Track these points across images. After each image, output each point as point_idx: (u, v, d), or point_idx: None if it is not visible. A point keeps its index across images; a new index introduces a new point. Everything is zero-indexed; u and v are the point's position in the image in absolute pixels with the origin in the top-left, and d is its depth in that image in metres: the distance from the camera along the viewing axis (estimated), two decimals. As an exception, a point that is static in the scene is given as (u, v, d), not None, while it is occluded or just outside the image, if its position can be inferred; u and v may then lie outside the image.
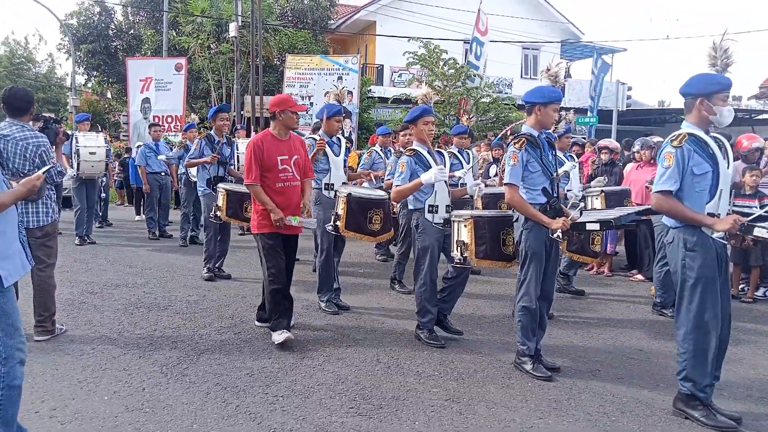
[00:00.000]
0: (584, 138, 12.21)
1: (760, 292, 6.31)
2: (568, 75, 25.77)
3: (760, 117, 20.87)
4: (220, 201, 6.15)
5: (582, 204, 5.11)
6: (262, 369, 3.88)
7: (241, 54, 17.60)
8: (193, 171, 8.81)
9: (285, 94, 5.42)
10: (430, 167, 4.35)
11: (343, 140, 5.55)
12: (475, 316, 5.33)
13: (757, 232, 3.26)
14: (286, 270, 4.44)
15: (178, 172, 9.50)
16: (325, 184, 5.36)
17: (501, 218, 4.21)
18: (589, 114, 17.92)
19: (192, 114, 13.92)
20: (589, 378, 3.92)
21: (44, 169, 2.81)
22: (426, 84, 5.67)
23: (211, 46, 19.01)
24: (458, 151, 7.02)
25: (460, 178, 5.79)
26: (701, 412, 3.23)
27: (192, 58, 18.54)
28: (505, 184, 3.84)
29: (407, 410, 3.34)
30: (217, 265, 6.62)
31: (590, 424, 3.23)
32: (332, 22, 23.14)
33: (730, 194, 6.17)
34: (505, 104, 15.42)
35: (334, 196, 5.14)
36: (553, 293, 4.08)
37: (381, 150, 7.53)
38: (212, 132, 6.67)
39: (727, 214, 3.29)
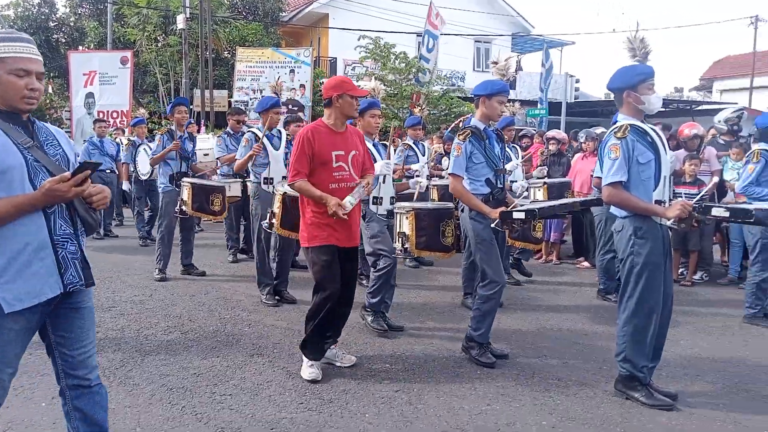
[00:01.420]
0: (535, 130, 12.44)
1: (698, 276, 6.58)
2: (519, 68, 26.22)
3: (700, 108, 21.68)
4: (185, 195, 5.96)
5: (525, 193, 5.23)
6: (210, 368, 3.81)
7: (190, 47, 17.18)
8: (143, 169, 8.61)
9: (342, 75, 4.65)
10: (375, 160, 4.38)
11: (284, 133, 5.50)
12: (426, 307, 5.37)
13: (715, 212, 3.40)
14: (346, 289, 3.76)
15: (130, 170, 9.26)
16: (264, 178, 5.30)
17: (441, 210, 4.28)
18: (539, 106, 18.28)
19: (140, 108, 13.53)
20: (536, 364, 4.01)
21: (81, 168, 2.01)
22: (374, 78, 5.68)
23: (159, 38, 18.48)
24: (414, 143, 7.08)
25: (418, 175, 5.81)
26: (640, 392, 3.35)
27: (138, 51, 17.99)
28: (449, 174, 3.90)
29: (357, 403, 3.34)
30: (185, 264, 6.53)
31: (536, 408, 3.31)
32: (284, 14, 22.82)
33: (671, 182, 6.44)
34: (458, 97, 15.56)
35: (273, 192, 5.09)
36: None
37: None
38: (173, 127, 6.42)
39: (670, 200, 3.41)
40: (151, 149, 7.21)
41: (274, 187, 5.12)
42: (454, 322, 4.90)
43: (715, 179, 5.61)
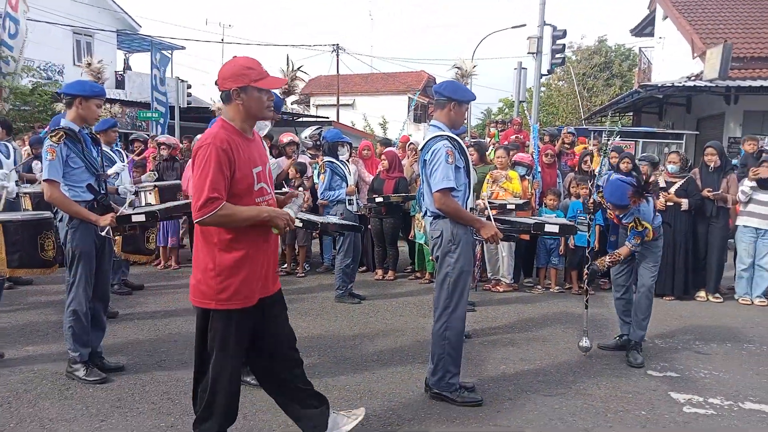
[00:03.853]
0: (147, 134, 12.07)
1: (306, 267, 7.52)
2: (128, 67, 24.87)
3: (300, 119, 24.54)
4: None
5: (134, 198, 5.12)
6: None
7: None
8: None
9: (245, 57, 2.65)
10: None
11: None
12: (26, 330, 4.71)
13: (298, 222, 3.93)
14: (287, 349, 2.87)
15: None
16: None
17: (37, 221, 3.86)
18: (152, 108, 17.69)
19: None
20: (154, 370, 3.99)
21: None
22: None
23: None
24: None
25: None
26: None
27: None
28: (44, 180, 3.55)
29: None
30: None
31: (155, 412, 3.33)
32: None
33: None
34: (56, 92, 13.83)
35: None
36: (108, 293, 3.98)
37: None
38: None
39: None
40: None
41: None
42: (59, 343, 4.44)
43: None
